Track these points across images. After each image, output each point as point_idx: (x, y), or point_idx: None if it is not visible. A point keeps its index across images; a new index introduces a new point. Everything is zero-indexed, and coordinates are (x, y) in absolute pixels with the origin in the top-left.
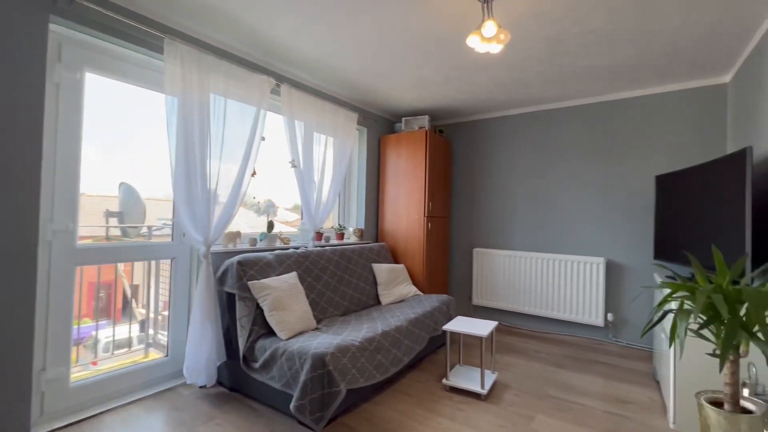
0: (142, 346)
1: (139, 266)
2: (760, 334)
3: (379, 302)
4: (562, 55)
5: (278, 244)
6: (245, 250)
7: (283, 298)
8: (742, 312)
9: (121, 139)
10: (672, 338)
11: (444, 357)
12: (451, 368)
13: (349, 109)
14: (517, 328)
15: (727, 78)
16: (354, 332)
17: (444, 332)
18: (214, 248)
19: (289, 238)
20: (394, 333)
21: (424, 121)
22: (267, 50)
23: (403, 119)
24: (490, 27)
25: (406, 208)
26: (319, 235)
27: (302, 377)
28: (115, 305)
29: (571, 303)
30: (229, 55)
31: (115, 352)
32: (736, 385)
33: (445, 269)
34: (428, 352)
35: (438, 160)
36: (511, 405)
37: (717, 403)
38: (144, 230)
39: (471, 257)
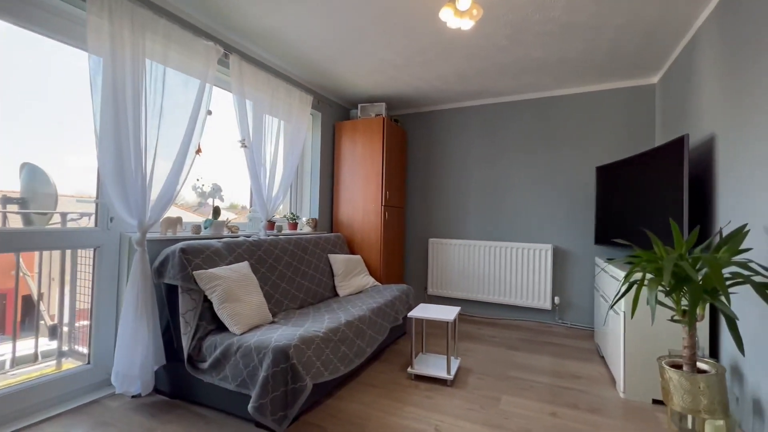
0: (53, 359)
1: (51, 261)
2: (722, 297)
3: (336, 294)
4: (520, 44)
5: (226, 233)
6: (187, 237)
7: (236, 288)
8: (699, 278)
9: (25, 108)
10: (634, 308)
11: (404, 346)
12: (414, 356)
13: (305, 91)
14: (472, 316)
15: (655, 79)
16: (316, 323)
17: (403, 322)
18: (150, 235)
19: (237, 226)
20: (357, 323)
21: (381, 108)
22: (215, 13)
23: (360, 106)
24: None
25: (363, 198)
26: (270, 224)
27: (262, 374)
28: (16, 314)
29: (522, 288)
30: (169, 14)
31: (16, 371)
32: (694, 347)
33: (401, 260)
34: (389, 342)
35: (394, 149)
36: (477, 388)
37: (676, 366)
38: (56, 218)
39: (426, 247)
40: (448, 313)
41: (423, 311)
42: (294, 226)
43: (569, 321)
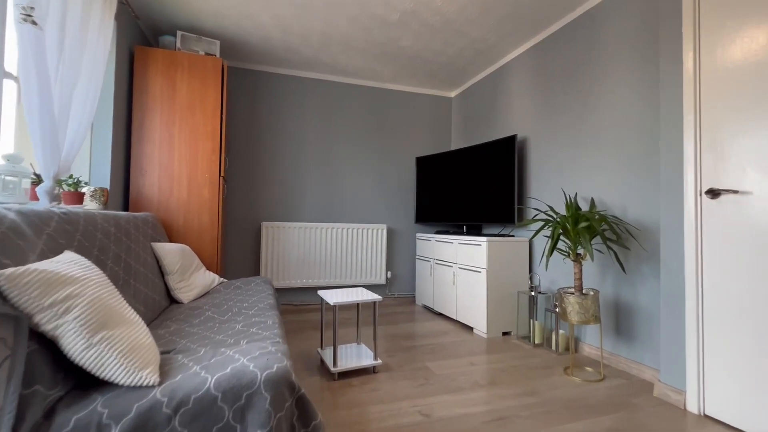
0: None
1: None
2: (599, 239)
3: (174, 301)
4: (403, 27)
5: None
6: None
7: (109, 302)
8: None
9: None
10: (550, 255)
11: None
12: (330, 355)
13: None
14: (311, 304)
15: (452, 94)
16: (254, 340)
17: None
18: None
19: None
20: (279, 329)
21: (215, 47)
22: None
23: (180, 34)
24: None
25: (189, 163)
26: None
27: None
28: None
29: (361, 268)
30: None
31: None
32: (581, 279)
33: (223, 248)
34: None
35: (230, 106)
36: (400, 365)
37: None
38: None
39: (257, 232)
40: (362, 294)
41: (341, 296)
42: (77, 198)
43: (396, 292)
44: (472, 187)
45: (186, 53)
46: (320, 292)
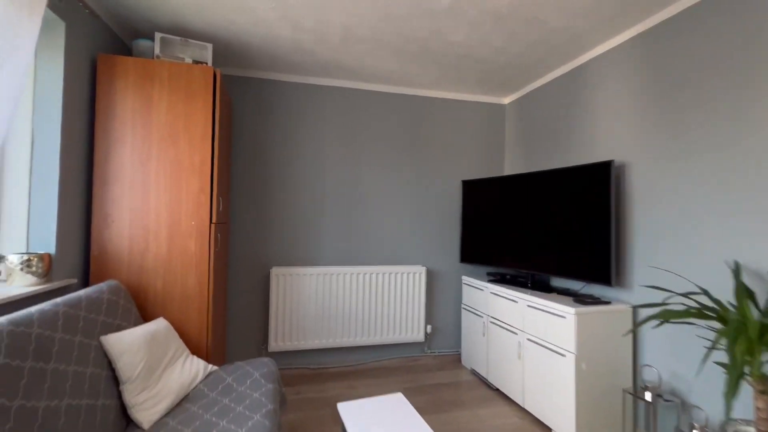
0: None
1: None
2: None
3: (130, 422)
4: (438, 15)
5: None
6: None
7: None
8: None
9: None
10: (735, 384)
11: None
12: None
13: None
14: (332, 367)
15: (506, 100)
16: None
17: None
18: None
19: None
20: None
21: (206, 52)
22: None
23: (160, 36)
24: None
25: (171, 209)
26: None
27: None
28: None
29: (394, 322)
30: None
31: None
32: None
33: (225, 306)
34: None
35: (224, 125)
36: None
37: None
38: None
39: (266, 281)
40: (404, 412)
41: (370, 419)
42: None
43: (436, 348)
44: (542, 225)
45: (166, 62)
46: (341, 411)
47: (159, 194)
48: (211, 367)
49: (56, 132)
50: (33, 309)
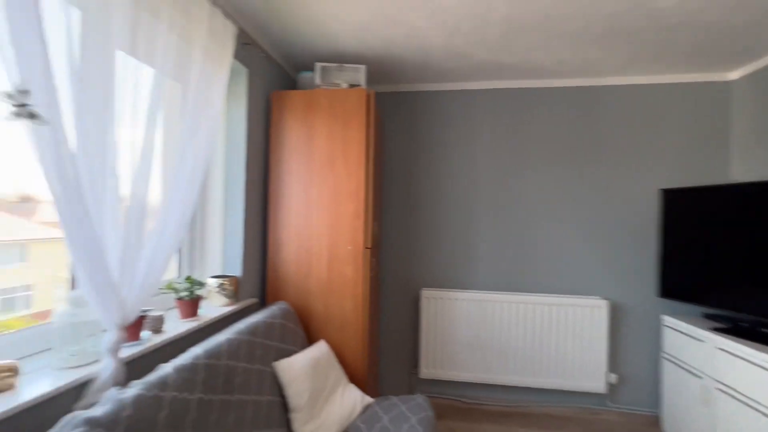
0: None
1: None
2: None
3: None
4: None
5: None
6: None
7: None
8: None
9: None
10: None
11: None
12: None
13: (222, 12)
14: (488, 404)
15: (733, 75)
16: None
17: None
18: None
19: None
20: None
21: (360, 74)
22: None
23: (318, 66)
24: None
25: (330, 234)
26: (131, 329)
27: None
28: None
29: (565, 364)
30: None
31: None
32: None
33: (377, 329)
34: None
35: (377, 146)
36: None
37: None
38: None
39: (417, 304)
40: None
41: None
42: (191, 306)
43: (624, 404)
44: None
45: (325, 89)
46: None
47: (320, 219)
48: (366, 399)
49: (241, 168)
50: (223, 339)
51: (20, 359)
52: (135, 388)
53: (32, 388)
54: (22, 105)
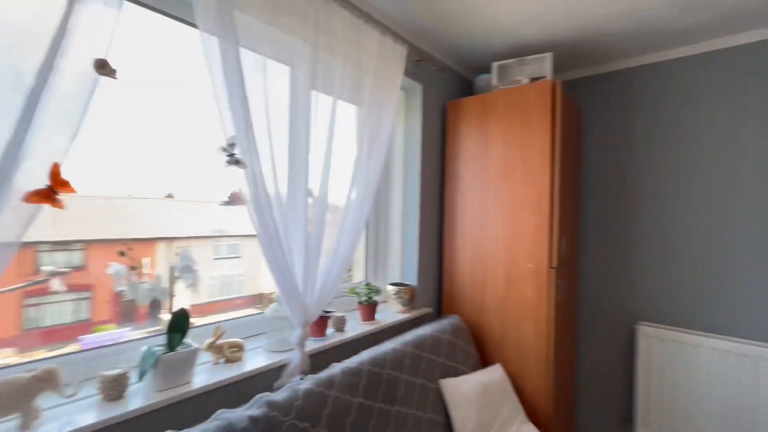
0: None
1: None
2: None
3: None
4: None
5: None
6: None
7: None
8: None
9: None
10: None
11: None
12: None
13: (392, 37)
14: None
15: None
16: None
17: None
18: None
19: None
20: None
21: (544, 65)
22: None
23: (495, 65)
24: None
25: (507, 249)
26: (318, 326)
27: None
28: None
29: None
30: None
31: None
32: None
33: (573, 364)
34: None
35: (569, 145)
36: None
37: None
38: None
39: (630, 340)
40: None
41: None
42: (369, 310)
43: None
44: None
45: (502, 91)
46: None
47: (495, 233)
48: None
49: (416, 180)
50: (388, 348)
51: (244, 338)
52: (307, 382)
53: (252, 362)
54: (232, 154)
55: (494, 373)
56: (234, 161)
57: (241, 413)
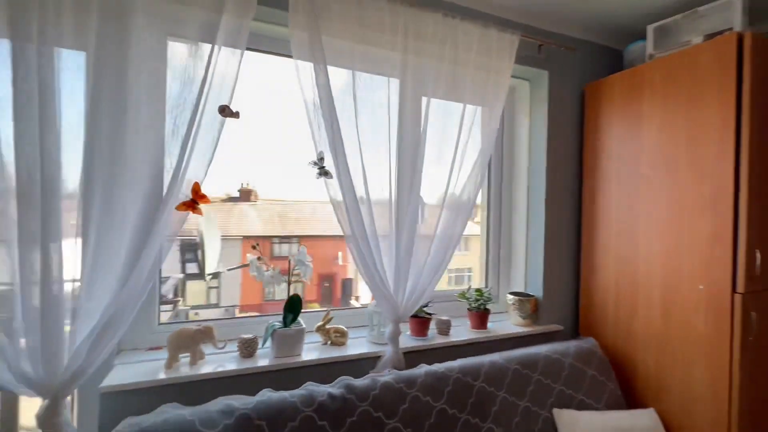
0: None
1: None
2: None
3: None
4: None
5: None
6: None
7: None
8: None
9: None
10: None
11: None
12: None
13: (497, 28)
14: None
15: None
16: None
17: None
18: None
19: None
20: None
21: (732, 12)
22: None
23: (651, 28)
24: None
25: (666, 263)
26: (418, 325)
27: None
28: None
29: None
30: None
31: None
32: None
33: None
34: None
35: (764, 120)
36: None
37: None
38: None
39: None
40: None
41: None
42: (479, 318)
43: None
44: None
45: (657, 61)
46: None
47: (649, 243)
48: None
49: (542, 179)
50: (485, 360)
51: (349, 328)
52: (388, 376)
53: (353, 349)
54: (321, 167)
55: (642, 418)
56: (323, 172)
57: (324, 389)
